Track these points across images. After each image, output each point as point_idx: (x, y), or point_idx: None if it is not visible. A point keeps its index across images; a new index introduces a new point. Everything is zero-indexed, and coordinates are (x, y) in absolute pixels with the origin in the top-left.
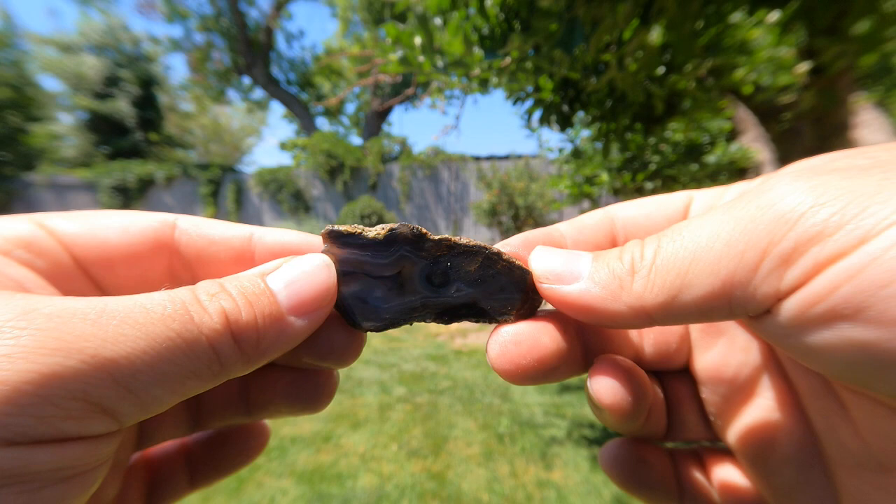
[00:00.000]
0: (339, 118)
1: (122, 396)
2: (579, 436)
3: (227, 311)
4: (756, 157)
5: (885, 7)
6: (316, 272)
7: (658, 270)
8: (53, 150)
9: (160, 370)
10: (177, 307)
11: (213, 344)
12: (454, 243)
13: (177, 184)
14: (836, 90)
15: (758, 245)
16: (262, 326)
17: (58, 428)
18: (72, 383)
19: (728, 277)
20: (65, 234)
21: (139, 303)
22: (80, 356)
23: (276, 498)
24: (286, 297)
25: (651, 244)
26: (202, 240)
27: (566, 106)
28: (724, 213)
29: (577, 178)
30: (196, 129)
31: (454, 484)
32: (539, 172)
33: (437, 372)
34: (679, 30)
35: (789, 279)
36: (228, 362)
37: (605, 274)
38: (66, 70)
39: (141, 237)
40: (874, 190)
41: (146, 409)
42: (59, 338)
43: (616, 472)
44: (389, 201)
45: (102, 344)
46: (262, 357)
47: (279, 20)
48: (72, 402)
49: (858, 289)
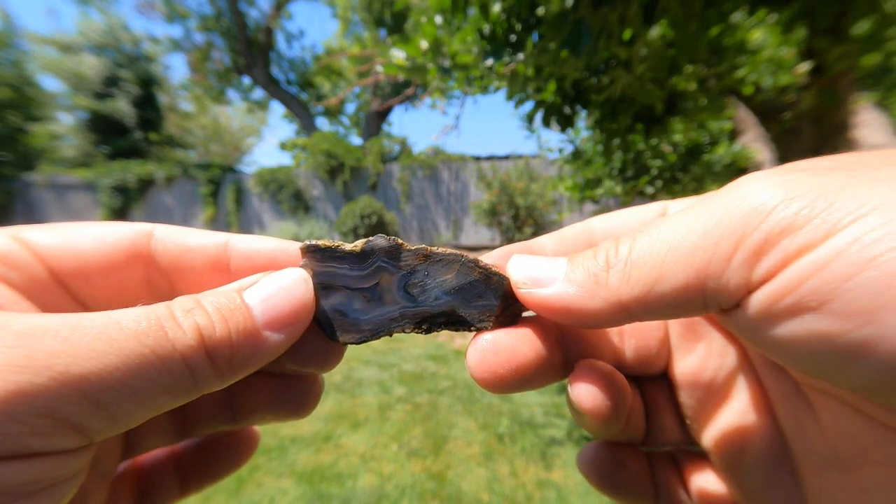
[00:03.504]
0: (339, 118)
1: (92, 412)
2: (579, 436)
3: (201, 326)
4: (756, 156)
5: (885, 7)
6: (293, 286)
7: (633, 264)
8: (53, 150)
9: (132, 385)
10: (151, 323)
11: (187, 359)
12: (431, 252)
13: (177, 184)
14: (836, 90)
15: (731, 237)
16: (235, 342)
17: (23, 444)
18: (39, 400)
19: (702, 268)
20: (40, 247)
21: (114, 319)
22: (48, 373)
23: (276, 498)
24: (262, 312)
25: (626, 240)
26: (178, 248)
27: (567, 107)
28: (698, 207)
29: (577, 180)
30: (196, 129)
31: (454, 484)
32: (539, 172)
33: (437, 372)
34: (682, 30)
35: (760, 271)
36: (202, 377)
37: (580, 273)
38: (66, 70)
39: (116, 247)
40: (840, 186)
41: (117, 424)
42: (28, 355)
43: (593, 475)
44: (389, 201)
45: (73, 360)
46: (237, 372)
47: (279, 20)
48: (38, 419)
49: (824, 281)
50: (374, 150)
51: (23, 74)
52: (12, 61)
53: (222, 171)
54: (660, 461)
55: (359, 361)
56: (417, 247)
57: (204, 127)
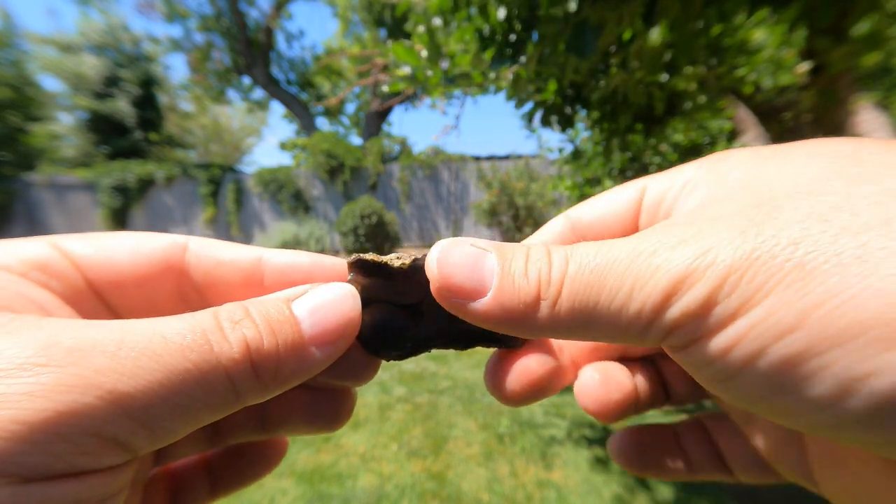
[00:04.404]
0: (339, 118)
1: (136, 430)
2: (579, 436)
3: (248, 339)
4: None
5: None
6: (342, 301)
7: (562, 304)
8: (53, 150)
9: (175, 403)
10: (196, 336)
11: (231, 374)
12: None
13: (177, 184)
14: (836, 90)
15: (653, 305)
16: (282, 355)
17: (72, 463)
18: (87, 420)
19: (624, 329)
20: (78, 257)
21: (158, 332)
22: (96, 392)
23: (276, 498)
24: (310, 326)
25: (558, 263)
26: (211, 261)
27: (567, 107)
28: (632, 251)
29: (577, 180)
30: (196, 129)
31: (454, 484)
32: (539, 172)
33: (437, 372)
34: (681, 30)
35: (672, 342)
36: (244, 392)
37: (511, 295)
38: (66, 70)
39: (150, 260)
40: (745, 264)
41: (159, 440)
42: (77, 374)
43: (624, 462)
44: (389, 201)
45: (119, 378)
46: (280, 386)
47: (279, 20)
48: (86, 438)
49: (726, 364)
50: (374, 150)
51: (23, 74)
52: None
53: (222, 171)
54: (687, 432)
55: None
56: None
57: (204, 127)
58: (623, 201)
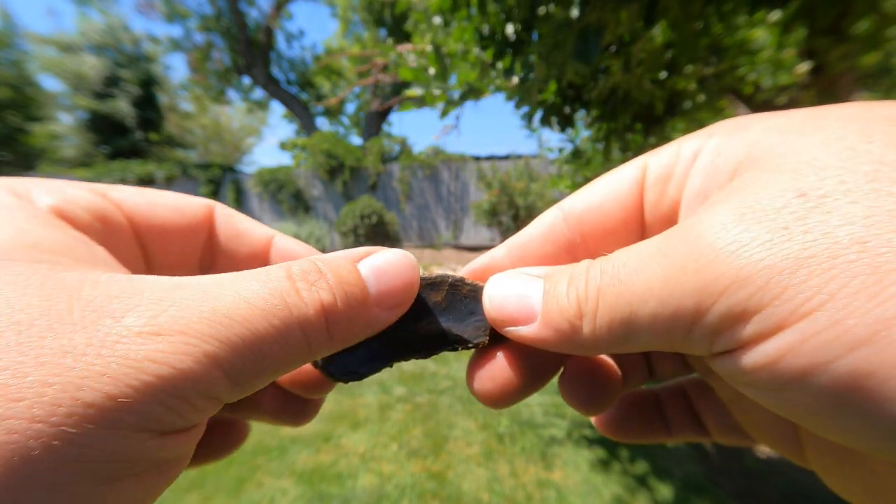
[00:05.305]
0: (339, 118)
1: (231, 388)
2: (579, 436)
3: (323, 300)
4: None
5: (885, 7)
6: (403, 264)
7: (601, 317)
8: (53, 150)
9: (262, 364)
10: (276, 301)
11: (307, 332)
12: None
13: (177, 184)
14: (836, 90)
15: (687, 311)
16: (352, 315)
17: (188, 419)
18: (197, 382)
19: (666, 335)
20: (127, 203)
21: (242, 297)
22: (203, 359)
23: (276, 498)
24: (376, 287)
25: (594, 279)
26: (232, 229)
27: (567, 107)
28: (660, 255)
29: (577, 179)
30: (196, 129)
31: (454, 484)
32: (539, 172)
33: (437, 372)
34: (682, 30)
35: (716, 348)
36: (316, 347)
37: (555, 315)
38: (66, 70)
39: (194, 214)
40: (793, 266)
41: (244, 393)
42: (186, 342)
43: (603, 429)
44: (389, 201)
45: (220, 346)
46: (346, 343)
47: (279, 20)
48: (197, 397)
49: (773, 376)
50: (374, 150)
51: (23, 74)
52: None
53: (222, 171)
54: (669, 398)
55: None
56: None
57: (204, 127)
58: (622, 182)
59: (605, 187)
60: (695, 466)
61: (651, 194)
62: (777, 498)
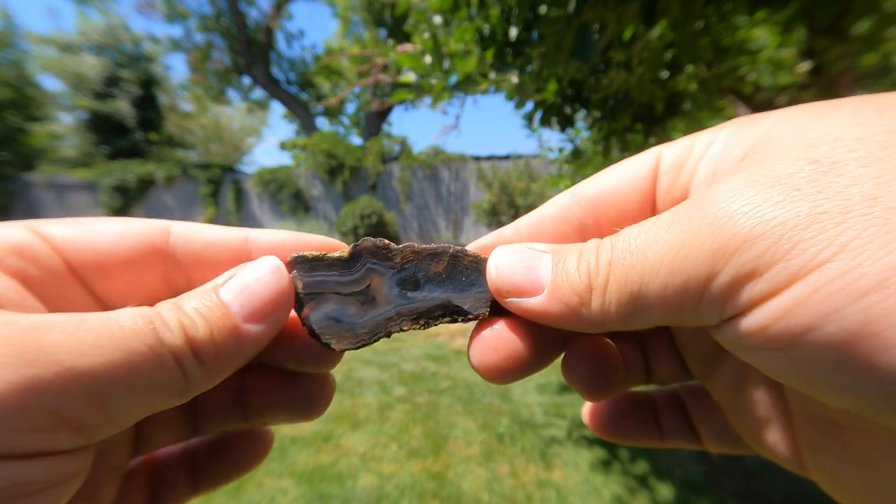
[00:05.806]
0: (339, 118)
1: (93, 409)
2: (579, 436)
3: (185, 327)
4: None
5: (885, 6)
6: (267, 275)
7: (611, 291)
8: (53, 150)
9: (132, 383)
10: (146, 323)
11: (178, 359)
12: (418, 248)
13: (177, 184)
14: (836, 90)
15: (699, 276)
16: (218, 339)
17: (25, 442)
18: (45, 395)
19: (676, 306)
20: (58, 240)
21: (113, 318)
22: (56, 368)
23: (276, 498)
24: (239, 307)
25: (604, 253)
26: (198, 243)
27: (567, 107)
28: (671, 225)
29: (577, 179)
30: (196, 129)
31: (454, 484)
32: (539, 172)
33: (437, 372)
34: (682, 30)
35: (728, 310)
36: (192, 377)
37: (564, 288)
38: (66, 70)
39: (135, 242)
40: (805, 222)
41: (114, 423)
42: (36, 349)
43: (595, 427)
44: (389, 201)
45: (80, 356)
46: (225, 369)
47: (279, 20)
48: (43, 415)
49: (785, 328)
50: (374, 150)
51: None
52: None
53: (222, 171)
54: (664, 403)
55: (359, 361)
56: (404, 245)
57: (204, 127)
58: (637, 168)
59: (621, 172)
60: (696, 466)
61: (664, 180)
62: (778, 498)
